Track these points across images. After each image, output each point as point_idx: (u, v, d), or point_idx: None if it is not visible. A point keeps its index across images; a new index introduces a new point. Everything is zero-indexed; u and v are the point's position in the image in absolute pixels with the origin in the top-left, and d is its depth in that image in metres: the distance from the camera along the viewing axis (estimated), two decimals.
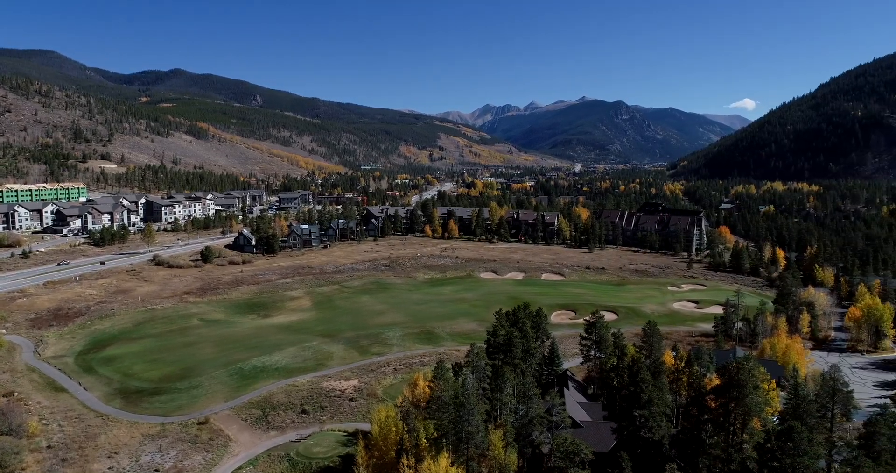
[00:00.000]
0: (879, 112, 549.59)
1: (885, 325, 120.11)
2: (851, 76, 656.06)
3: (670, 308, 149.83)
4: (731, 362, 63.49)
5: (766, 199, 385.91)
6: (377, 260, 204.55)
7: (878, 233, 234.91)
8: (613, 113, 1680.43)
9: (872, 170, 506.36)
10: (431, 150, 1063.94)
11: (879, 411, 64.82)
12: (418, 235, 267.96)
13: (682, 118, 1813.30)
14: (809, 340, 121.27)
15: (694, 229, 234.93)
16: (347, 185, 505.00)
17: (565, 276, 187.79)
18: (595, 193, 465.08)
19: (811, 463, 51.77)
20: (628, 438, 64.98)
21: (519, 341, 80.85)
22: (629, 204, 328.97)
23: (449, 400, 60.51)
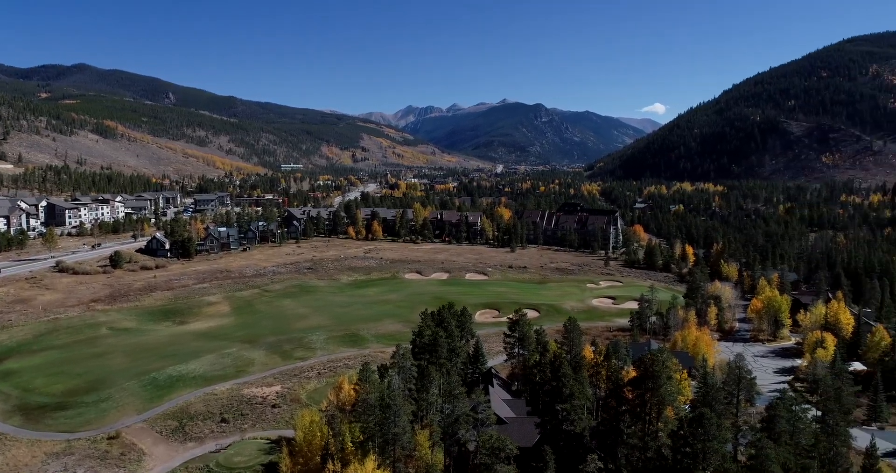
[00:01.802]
0: (775, 117, 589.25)
1: (782, 315, 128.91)
2: (751, 84, 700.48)
3: (589, 305, 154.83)
4: (646, 354, 66.36)
5: (676, 198, 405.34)
6: (299, 263, 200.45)
7: (776, 230, 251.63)
8: (533, 115, 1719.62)
9: (770, 171, 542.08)
10: (354, 151, 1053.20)
11: (779, 396, 69.43)
12: (341, 236, 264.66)
13: (598, 121, 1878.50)
14: (717, 331, 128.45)
15: (610, 228, 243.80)
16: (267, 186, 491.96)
17: (489, 275, 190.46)
18: (516, 193, 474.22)
19: (720, 447, 54.82)
20: (551, 432, 66.62)
21: (444, 340, 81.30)
22: (549, 204, 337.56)
23: (375, 402, 60.05)
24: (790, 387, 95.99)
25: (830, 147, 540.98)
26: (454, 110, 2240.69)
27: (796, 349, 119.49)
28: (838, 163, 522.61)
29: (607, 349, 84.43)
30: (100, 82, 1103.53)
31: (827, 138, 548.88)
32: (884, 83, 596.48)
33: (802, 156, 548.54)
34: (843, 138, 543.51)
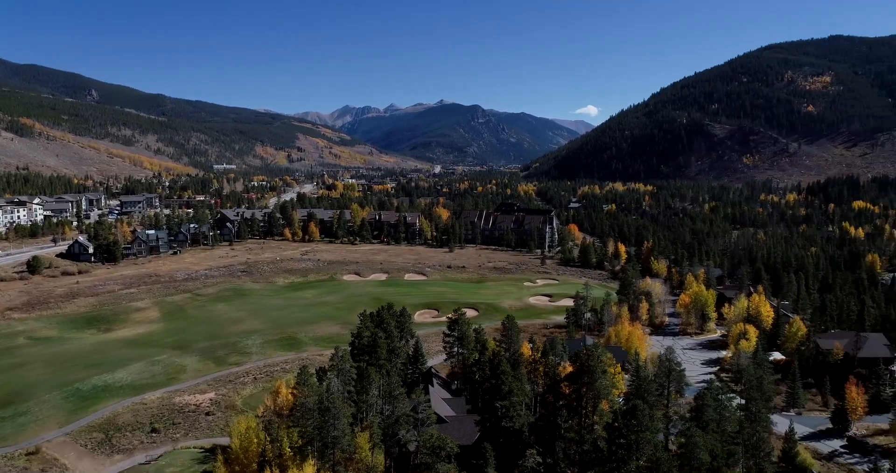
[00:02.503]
0: (700, 120, 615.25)
1: (708, 309, 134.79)
2: (678, 87, 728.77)
3: (527, 303, 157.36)
4: (582, 350, 67.98)
5: (609, 198, 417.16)
6: (233, 266, 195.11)
7: (702, 228, 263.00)
8: (470, 116, 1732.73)
9: (696, 171, 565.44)
10: (290, 151, 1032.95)
11: (706, 386, 72.53)
12: (277, 238, 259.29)
13: (533, 123, 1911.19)
14: (648, 326, 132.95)
15: (546, 227, 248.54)
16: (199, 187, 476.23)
17: (428, 275, 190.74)
18: (454, 193, 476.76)
19: (652, 437, 56.75)
20: (491, 429, 67.37)
21: (384, 341, 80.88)
22: (487, 204, 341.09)
23: (313, 406, 59.14)
24: (716, 377, 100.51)
25: (751, 149, 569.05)
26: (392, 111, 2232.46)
27: (722, 341, 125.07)
28: (758, 164, 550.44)
29: (544, 345, 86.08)
30: (14, 77, 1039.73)
31: (748, 140, 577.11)
32: (798, 89, 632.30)
33: (725, 157, 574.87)
34: (762, 141, 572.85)
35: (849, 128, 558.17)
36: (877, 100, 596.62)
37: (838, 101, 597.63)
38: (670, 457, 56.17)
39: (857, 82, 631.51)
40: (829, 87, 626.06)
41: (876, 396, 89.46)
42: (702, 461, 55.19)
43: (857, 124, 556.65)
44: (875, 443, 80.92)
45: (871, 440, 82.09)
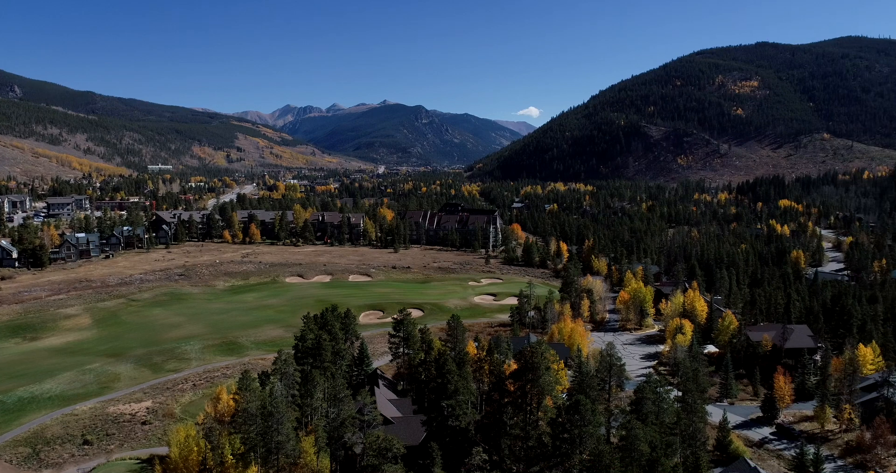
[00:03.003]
0: (637, 122, 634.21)
1: (647, 305, 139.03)
2: (615, 90, 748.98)
3: (472, 302, 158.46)
4: (526, 348, 69.01)
5: (551, 198, 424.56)
6: (170, 269, 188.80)
7: (640, 226, 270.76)
8: (414, 117, 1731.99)
9: (634, 172, 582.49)
10: (229, 151, 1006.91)
11: (645, 379, 74.77)
12: (217, 240, 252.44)
13: (476, 124, 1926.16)
14: (590, 322, 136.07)
15: (490, 226, 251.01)
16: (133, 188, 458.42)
17: (372, 276, 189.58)
18: (399, 194, 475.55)
19: (594, 431, 58.14)
20: (437, 428, 67.51)
21: (328, 343, 79.95)
22: (431, 205, 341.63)
23: (256, 411, 57.92)
24: (655, 371, 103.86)
25: (685, 150, 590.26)
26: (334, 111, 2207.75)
27: (659, 335, 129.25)
28: (692, 164, 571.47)
29: (489, 344, 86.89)
30: None
31: (682, 142, 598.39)
32: (727, 92, 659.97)
33: (661, 158, 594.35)
34: (695, 142, 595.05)
35: (775, 130, 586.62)
36: (800, 104, 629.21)
37: (765, 104, 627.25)
38: (612, 450, 57.69)
39: (782, 87, 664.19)
40: (757, 91, 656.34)
41: (801, 385, 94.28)
42: (642, 452, 56.91)
43: (782, 127, 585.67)
44: (801, 429, 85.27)
45: (798, 426, 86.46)
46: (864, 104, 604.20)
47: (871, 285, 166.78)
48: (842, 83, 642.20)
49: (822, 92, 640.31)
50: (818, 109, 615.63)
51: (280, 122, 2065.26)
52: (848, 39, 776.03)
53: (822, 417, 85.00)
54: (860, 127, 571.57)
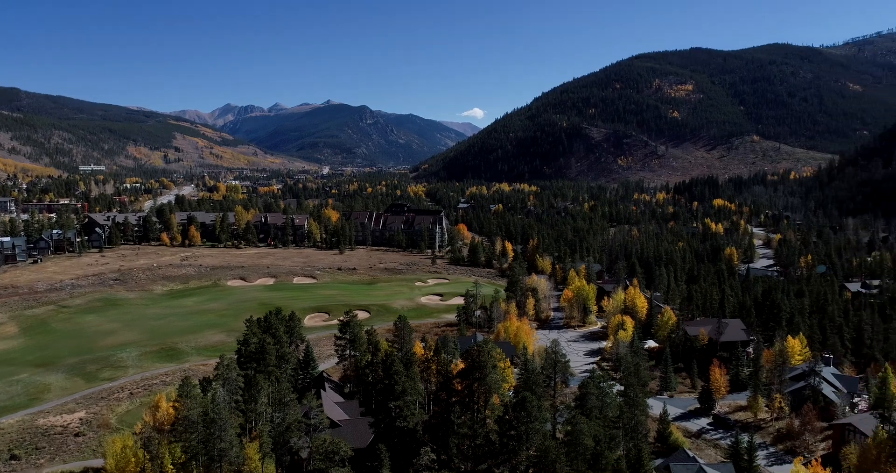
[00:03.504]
0: (579, 124, 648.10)
1: (590, 303, 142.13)
2: (558, 92, 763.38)
3: (418, 302, 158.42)
4: (473, 347, 69.51)
5: (496, 198, 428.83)
6: (104, 274, 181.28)
7: (583, 226, 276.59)
8: (359, 117, 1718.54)
9: (576, 172, 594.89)
10: (166, 151, 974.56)
11: (589, 375, 76.47)
12: (154, 243, 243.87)
13: (422, 124, 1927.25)
14: (535, 321, 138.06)
15: (436, 227, 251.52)
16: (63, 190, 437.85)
17: (317, 278, 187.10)
18: (344, 195, 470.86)
19: (540, 427, 59.06)
20: (385, 430, 67.18)
21: (272, 347, 78.43)
22: (377, 205, 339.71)
23: (197, 418, 56.30)
24: (598, 367, 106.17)
25: (625, 151, 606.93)
26: (277, 110, 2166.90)
27: (602, 332, 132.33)
28: (631, 165, 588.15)
29: (437, 344, 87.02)
30: None
31: (622, 143, 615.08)
32: (664, 96, 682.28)
33: (602, 159, 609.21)
34: (634, 143, 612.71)
35: (708, 133, 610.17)
36: (731, 108, 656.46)
37: (699, 108, 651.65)
38: (558, 445, 58.69)
39: (715, 91, 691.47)
40: (691, 95, 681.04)
41: (736, 376, 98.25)
42: (586, 446, 58.15)
43: (716, 130, 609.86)
44: (736, 419, 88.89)
45: (733, 416, 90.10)
46: (790, 108, 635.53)
47: (799, 279, 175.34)
48: (770, 88, 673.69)
49: (752, 96, 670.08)
50: (748, 113, 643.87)
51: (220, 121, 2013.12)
52: (775, 46, 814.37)
53: (755, 406, 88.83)
54: (787, 130, 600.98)
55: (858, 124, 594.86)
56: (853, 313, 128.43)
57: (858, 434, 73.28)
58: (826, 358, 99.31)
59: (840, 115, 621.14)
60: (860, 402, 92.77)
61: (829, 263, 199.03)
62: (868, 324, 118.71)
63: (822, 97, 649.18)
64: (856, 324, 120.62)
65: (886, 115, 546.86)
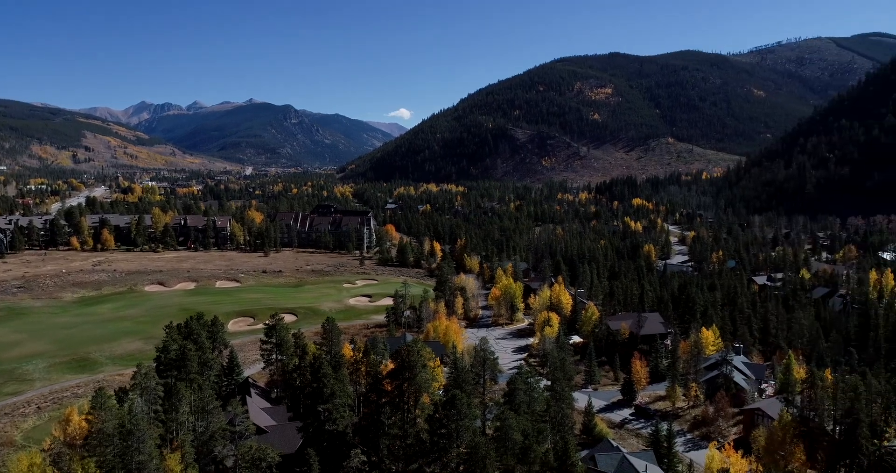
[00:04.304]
0: (504, 125, 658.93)
1: (517, 301, 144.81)
2: (483, 94, 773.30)
3: (347, 304, 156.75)
4: (402, 347, 69.34)
5: (424, 199, 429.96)
6: (6, 281, 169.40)
7: (509, 225, 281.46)
8: (283, 117, 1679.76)
9: (502, 173, 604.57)
10: (75, 150, 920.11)
11: (517, 371, 77.90)
12: (63, 248, 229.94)
13: (348, 124, 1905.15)
14: (464, 319, 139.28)
15: (364, 228, 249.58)
16: None
17: (241, 282, 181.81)
18: (268, 196, 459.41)
19: (470, 424, 59.63)
20: (314, 434, 66.07)
21: (194, 354, 75.56)
22: (303, 206, 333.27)
23: (113, 431, 53.51)
24: (526, 363, 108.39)
25: (549, 152, 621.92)
26: (196, 109, 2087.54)
27: (529, 329, 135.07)
28: (555, 166, 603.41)
29: (366, 345, 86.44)
30: None
31: (546, 144, 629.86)
32: (585, 99, 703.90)
33: (527, 160, 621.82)
34: (557, 145, 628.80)
35: (627, 135, 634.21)
36: (648, 111, 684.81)
37: (618, 110, 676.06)
38: (487, 441, 59.48)
39: (633, 95, 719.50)
40: (611, 98, 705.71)
41: (655, 367, 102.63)
42: (515, 441, 59.23)
43: (633, 132, 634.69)
44: (656, 408, 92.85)
45: (653, 406, 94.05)
46: (701, 112, 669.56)
47: (711, 274, 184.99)
48: (683, 92, 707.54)
49: (667, 100, 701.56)
50: (664, 116, 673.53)
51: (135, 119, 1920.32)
52: (687, 53, 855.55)
53: (673, 396, 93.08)
54: (699, 132, 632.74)
55: (762, 128, 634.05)
56: (760, 304, 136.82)
57: (766, 418, 78.12)
58: (736, 348, 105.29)
59: (746, 118, 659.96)
60: (767, 388, 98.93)
61: (738, 258, 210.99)
62: (773, 315, 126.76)
63: (729, 102, 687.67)
64: (762, 315, 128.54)
65: (787, 119, 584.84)
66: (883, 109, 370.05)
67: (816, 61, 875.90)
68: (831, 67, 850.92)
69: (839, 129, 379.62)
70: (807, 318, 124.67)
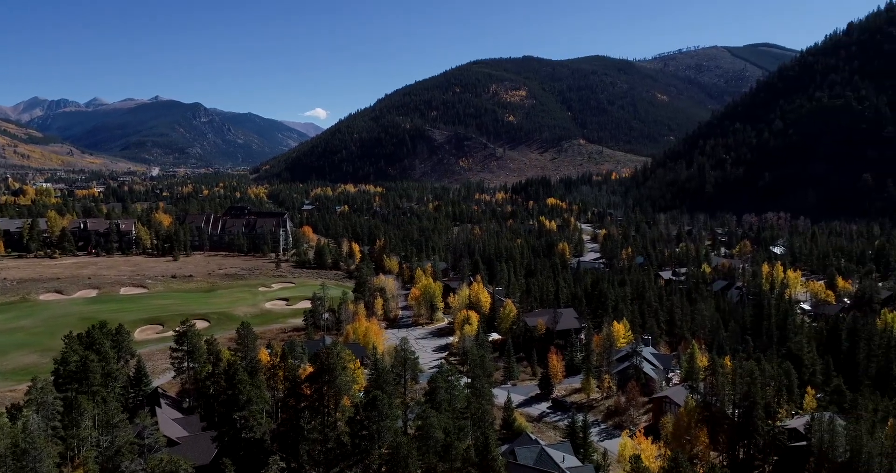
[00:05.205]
0: (422, 126, 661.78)
1: (437, 300, 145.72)
2: (401, 94, 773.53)
3: (263, 308, 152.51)
4: (321, 349, 68.28)
5: (342, 199, 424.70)
6: None
7: (428, 225, 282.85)
8: (192, 115, 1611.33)
9: (420, 173, 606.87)
10: None
11: (437, 370, 78.39)
12: None
13: (261, 124, 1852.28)
14: (384, 320, 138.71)
15: (280, 230, 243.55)
16: None
17: (149, 288, 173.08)
18: (177, 198, 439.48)
19: (392, 424, 59.51)
20: (230, 443, 63.87)
21: (97, 365, 71.21)
22: (215, 208, 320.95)
23: (6, 451, 49.60)
24: (446, 361, 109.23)
25: (466, 153, 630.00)
26: (96, 105, 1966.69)
27: (449, 328, 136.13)
28: (472, 166, 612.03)
29: (283, 349, 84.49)
30: None
31: (463, 145, 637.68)
32: (501, 101, 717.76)
33: (445, 160, 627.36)
34: (474, 146, 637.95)
35: (541, 136, 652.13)
36: (560, 113, 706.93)
37: (532, 113, 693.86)
38: (409, 440, 59.47)
39: (546, 97, 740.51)
40: (525, 100, 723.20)
41: (571, 361, 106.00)
42: (437, 439, 59.56)
43: (547, 133, 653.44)
44: (572, 401, 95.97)
45: (569, 398, 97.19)
46: (610, 115, 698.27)
47: (621, 270, 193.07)
48: (593, 96, 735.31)
49: (578, 103, 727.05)
50: (575, 118, 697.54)
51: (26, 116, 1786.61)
52: (596, 58, 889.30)
53: (587, 388, 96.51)
54: (608, 134, 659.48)
55: (666, 131, 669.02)
56: (666, 298, 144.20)
57: (673, 405, 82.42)
58: (645, 340, 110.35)
59: (652, 122, 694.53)
60: (674, 377, 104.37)
61: (645, 254, 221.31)
62: (678, 307, 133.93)
63: (636, 106, 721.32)
64: (668, 308, 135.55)
65: (688, 122, 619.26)
66: (772, 114, 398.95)
67: (713, 68, 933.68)
68: (727, 74, 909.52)
69: (734, 132, 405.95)
70: (708, 309, 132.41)
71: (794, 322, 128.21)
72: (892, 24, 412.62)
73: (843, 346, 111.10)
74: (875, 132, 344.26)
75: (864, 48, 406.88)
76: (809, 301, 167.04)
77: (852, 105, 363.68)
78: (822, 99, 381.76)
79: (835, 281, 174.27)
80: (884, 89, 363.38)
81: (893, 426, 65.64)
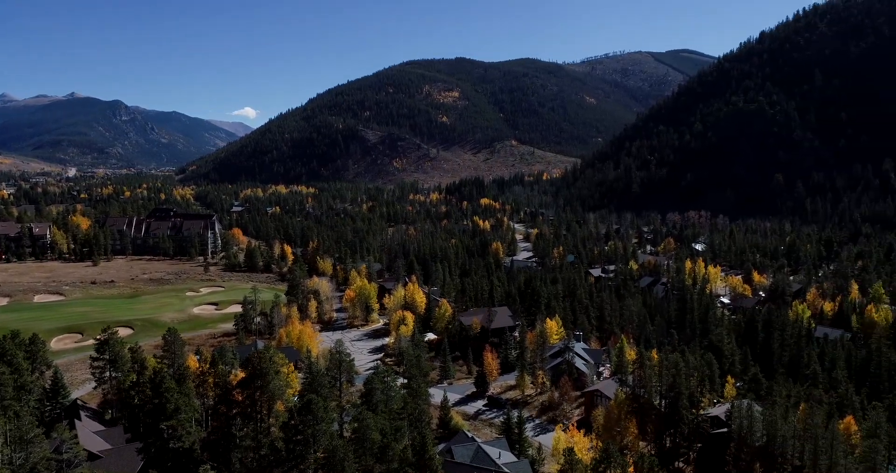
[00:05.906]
0: (355, 126, 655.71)
1: (372, 301, 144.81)
2: (333, 94, 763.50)
3: (191, 314, 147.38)
4: (253, 354, 66.64)
5: (273, 201, 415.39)
6: None
7: (362, 226, 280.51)
8: (112, 113, 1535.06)
9: (353, 174, 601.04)
10: None
11: (373, 371, 77.92)
12: None
13: (187, 123, 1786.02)
14: (318, 323, 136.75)
15: (208, 232, 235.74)
16: None
17: (66, 295, 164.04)
18: (96, 200, 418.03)
19: (327, 428, 58.78)
20: (157, 454, 61.42)
21: (8, 377, 66.97)
22: (138, 210, 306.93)
23: None
24: (382, 362, 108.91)
25: (400, 153, 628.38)
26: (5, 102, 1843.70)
27: (385, 329, 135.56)
28: (406, 167, 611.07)
29: (213, 355, 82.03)
30: None
31: (396, 146, 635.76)
32: (434, 101, 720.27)
33: (378, 161, 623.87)
34: (408, 146, 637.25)
35: (474, 137, 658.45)
36: (493, 115, 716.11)
37: (465, 114, 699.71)
38: (346, 443, 58.90)
39: (478, 99, 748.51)
40: (458, 101, 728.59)
41: (505, 358, 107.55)
42: (373, 440, 59.24)
43: (480, 134, 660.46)
44: (507, 397, 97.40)
45: (505, 395, 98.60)
46: (541, 117, 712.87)
47: (553, 268, 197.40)
48: (524, 98, 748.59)
49: (510, 105, 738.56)
50: (507, 120, 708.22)
51: None
52: (527, 61, 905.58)
53: (522, 384, 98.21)
54: (539, 136, 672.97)
55: (594, 132, 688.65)
56: (596, 295, 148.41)
57: (604, 398, 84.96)
58: (577, 335, 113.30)
59: (581, 124, 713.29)
60: (605, 370, 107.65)
61: (576, 253, 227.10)
62: (608, 303, 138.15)
63: (566, 108, 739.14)
64: (598, 304, 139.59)
65: (615, 125, 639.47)
66: (692, 117, 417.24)
67: (638, 73, 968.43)
68: (651, 79, 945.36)
69: (658, 134, 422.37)
70: (636, 305, 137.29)
71: (715, 315, 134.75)
72: (799, 33, 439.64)
73: (759, 337, 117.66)
74: (786, 136, 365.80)
75: (774, 56, 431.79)
76: (728, 295, 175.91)
77: (765, 110, 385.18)
78: (738, 104, 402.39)
79: (751, 276, 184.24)
80: (792, 95, 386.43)
81: (804, 410, 70.04)
